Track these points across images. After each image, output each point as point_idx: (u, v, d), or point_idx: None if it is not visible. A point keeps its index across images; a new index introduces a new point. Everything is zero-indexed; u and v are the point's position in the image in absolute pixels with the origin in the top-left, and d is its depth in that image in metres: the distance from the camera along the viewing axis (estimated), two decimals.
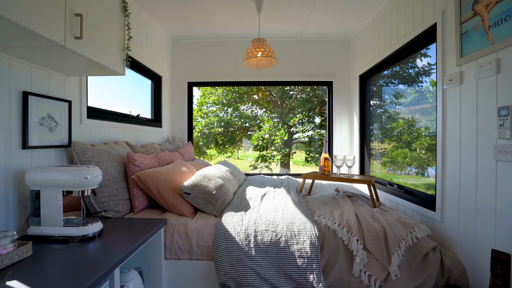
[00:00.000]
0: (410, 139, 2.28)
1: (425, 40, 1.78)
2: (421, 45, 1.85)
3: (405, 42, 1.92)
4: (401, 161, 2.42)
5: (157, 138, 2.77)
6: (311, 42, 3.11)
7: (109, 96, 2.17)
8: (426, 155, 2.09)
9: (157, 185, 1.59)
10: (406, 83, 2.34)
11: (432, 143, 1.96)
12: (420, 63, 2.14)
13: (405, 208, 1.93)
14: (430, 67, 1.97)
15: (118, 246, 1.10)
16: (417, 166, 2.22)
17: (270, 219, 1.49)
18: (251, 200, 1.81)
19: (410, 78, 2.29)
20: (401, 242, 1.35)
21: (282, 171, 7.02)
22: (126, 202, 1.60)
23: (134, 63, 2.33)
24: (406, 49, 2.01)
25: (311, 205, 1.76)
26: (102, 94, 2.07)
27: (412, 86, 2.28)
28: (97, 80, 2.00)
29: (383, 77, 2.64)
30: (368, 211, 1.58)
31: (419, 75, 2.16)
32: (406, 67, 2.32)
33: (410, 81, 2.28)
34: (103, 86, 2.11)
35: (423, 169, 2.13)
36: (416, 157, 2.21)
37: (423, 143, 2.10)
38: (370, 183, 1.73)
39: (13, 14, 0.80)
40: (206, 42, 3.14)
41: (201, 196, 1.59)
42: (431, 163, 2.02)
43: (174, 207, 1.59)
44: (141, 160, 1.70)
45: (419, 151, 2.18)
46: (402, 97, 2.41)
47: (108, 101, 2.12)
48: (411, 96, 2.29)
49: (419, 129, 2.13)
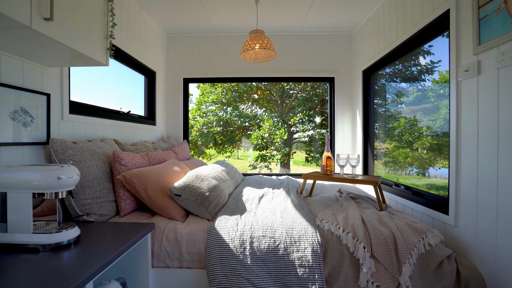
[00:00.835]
0: (411, 138, 2.20)
1: (436, 29, 1.65)
2: (431, 35, 1.73)
3: (412, 33, 1.79)
4: (402, 161, 2.32)
5: (150, 136, 2.64)
6: (311, 36, 2.98)
7: (98, 91, 2.04)
8: (427, 155, 2.03)
9: (145, 186, 1.46)
10: (409, 81, 2.23)
11: (434, 142, 1.92)
12: (423, 60, 2.06)
13: (413, 210, 1.80)
14: (433, 65, 1.91)
15: (96, 254, 0.97)
16: (418, 166, 2.13)
17: (267, 224, 1.35)
18: (247, 202, 1.68)
19: (412, 77, 2.19)
20: (413, 250, 1.22)
21: (282, 171, 6.89)
22: (111, 204, 1.47)
23: (127, 57, 2.21)
24: (414, 41, 1.88)
25: (312, 207, 1.63)
26: (91, 89, 1.95)
27: (414, 85, 2.19)
28: (85, 74, 1.88)
29: (385, 75, 2.52)
30: (375, 214, 1.45)
31: (422, 73, 2.09)
32: (409, 64, 2.22)
33: (412, 79, 2.19)
34: (92, 81, 1.98)
35: (424, 169, 2.03)
36: (418, 157, 2.11)
37: (425, 143, 2.02)
38: (376, 184, 1.60)
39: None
40: (202, 36, 3.01)
41: (193, 198, 1.46)
42: (433, 163, 1.98)
43: (163, 210, 1.46)
44: (128, 159, 1.57)
45: (421, 150, 2.09)
46: (403, 96, 2.32)
47: (98, 97, 2.00)
48: (413, 95, 2.20)
49: (420, 128, 2.05)
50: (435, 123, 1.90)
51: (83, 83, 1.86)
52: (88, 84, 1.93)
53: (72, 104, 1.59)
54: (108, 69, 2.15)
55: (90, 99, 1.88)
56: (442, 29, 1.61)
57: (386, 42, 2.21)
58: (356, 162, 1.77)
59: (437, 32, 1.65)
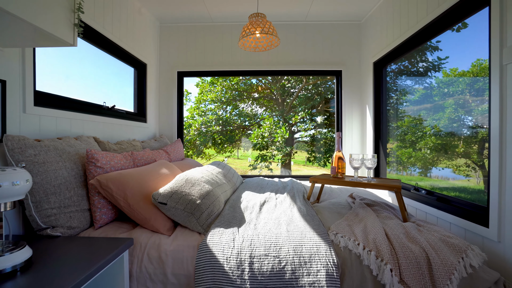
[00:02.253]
0: (415, 138, 2.12)
1: (465, 9, 1.41)
2: (462, 14, 1.48)
3: (440, 12, 1.54)
4: (410, 161, 2.15)
5: (140, 134, 2.40)
6: (317, 25, 2.73)
7: (78, 84, 1.80)
8: (430, 155, 1.96)
9: (123, 193, 1.22)
10: (420, 76, 2.07)
11: (438, 142, 1.88)
12: (429, 57, 1.96)
13: (438, 219, 1.56)
14: (440, 61, 1.86)
15: (51, 284, 0.74)
16: (425, 167, 1.98)
17: (271, 239, 1.11)
18: (246, 210, 1.44)
19: (424, 70, 2.03)
20: (452, 274, 0.98)
21: (283, 172, 6.65)
22: (83, 214, 1.23)
23: (113, 46, 1.97)
24: (439, 23, 1.63)
25: (323, 217, 1.39)
26: (69, 81, 1.71)
27: (420, 83, 2.06)
28: (62, 63, 1.64)
29: (395, 70, 2.30)
30: (399, 227, 1.21)
31: (428, 70, 2.01)
32: (420, 59, 2.06)
33: (423, 74, 2.03)
34: (71, 71, 1.74)
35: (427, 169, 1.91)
36: (428, 158, 1.99)
37: (433, 142, 1.93)
38: (398, 189, 1.36)
39: None
40: (198, 26, 2.76)
41: (181, 207, 1.22)
42: (436, 163, 1.93)
43: (145, 221, 1.22)
44: (106, 159, 1.33)
45: (424, 151, 2.01)
46: (408, 94, 2.19)
47: (77, 90, 1.75)
48: (419, 92, 2.08)
49: (427, 128, 1.97)
50: (439, 122, 1.85)
51: (60, 73, 1.62)
52: (65, 75, 1.69)
53: (39, 94, 1.35)
54: (91, 59, 1.91)
55: (68, 92, 1.64)
56: (475, 8, 1.37)
57: (402, 28, 1.96)
58: (372, 163, 1.52)
59: (473, 9, 1.40)
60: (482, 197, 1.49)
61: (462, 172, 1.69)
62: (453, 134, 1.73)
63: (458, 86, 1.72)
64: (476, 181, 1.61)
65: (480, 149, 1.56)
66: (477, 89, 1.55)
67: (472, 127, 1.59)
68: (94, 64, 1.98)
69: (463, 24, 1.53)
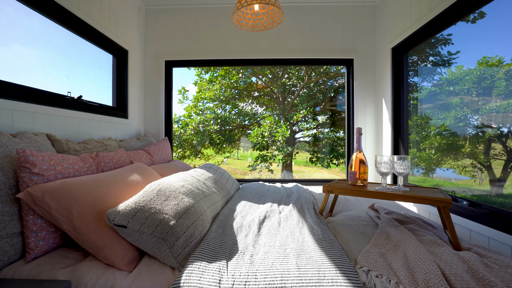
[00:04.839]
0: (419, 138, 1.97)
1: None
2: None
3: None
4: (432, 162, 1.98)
5: (120, 132, 2.05)
6: (325, 8, 2.38)
7: (38, 70, 1.45)
8: (435, 155, 1.85)
9: (67, 211, 0.87)
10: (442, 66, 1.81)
11: (443, 142, 1.80)
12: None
13: (490, 240, 1.21)
14: (450, 56, 1.76)
15: None
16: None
17: (274, 282, 0.76)
18: (241, 232, 1.08)
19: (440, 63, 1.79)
20: None
21: (284, 173, 6.29)
22: (12, 240, 0.88)
23: (88, 28, 1.62)
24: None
25: (343, 240, 1.04)
26: (21, 65, 1.35)
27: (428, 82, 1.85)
28: (22, 47, 1.29)
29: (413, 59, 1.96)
30: (457, 260, 0.85)
31: (438, 65, 1.87)
32: (433, 52, 1.81)
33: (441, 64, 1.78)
34: (33, 55, 1.39)
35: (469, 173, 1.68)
36: (433, 158, 1.88)
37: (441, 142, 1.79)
38: (447, 204, 1.00)
39: None
40: (189, 9, 2.42)
41: (148, 230, 0.86)
42: (440, 163, 1.85)
43: (98, 250, 0.86)
44: (49, 163, 0.98)
45: (429, 151, 1.89)
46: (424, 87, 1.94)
47: (36, 77, 1.40)
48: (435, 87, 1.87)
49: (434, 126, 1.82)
50: (449, 121, 1.73)
51: (23, 60, 1.27)
52: (27, 60, 1.34)
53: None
54: (54, 41, 1.56)
55: (21, 79, 1.29)
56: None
57: (429, 5, 1.61)
58: (405, 168, 1.17)
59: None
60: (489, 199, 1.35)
61: (468, 173, 1.64)
62: (466, 133, 1.58)
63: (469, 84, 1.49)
64: (478, 181, 1.57)
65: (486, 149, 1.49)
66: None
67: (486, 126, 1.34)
68: (60, 49, 1.63)
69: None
